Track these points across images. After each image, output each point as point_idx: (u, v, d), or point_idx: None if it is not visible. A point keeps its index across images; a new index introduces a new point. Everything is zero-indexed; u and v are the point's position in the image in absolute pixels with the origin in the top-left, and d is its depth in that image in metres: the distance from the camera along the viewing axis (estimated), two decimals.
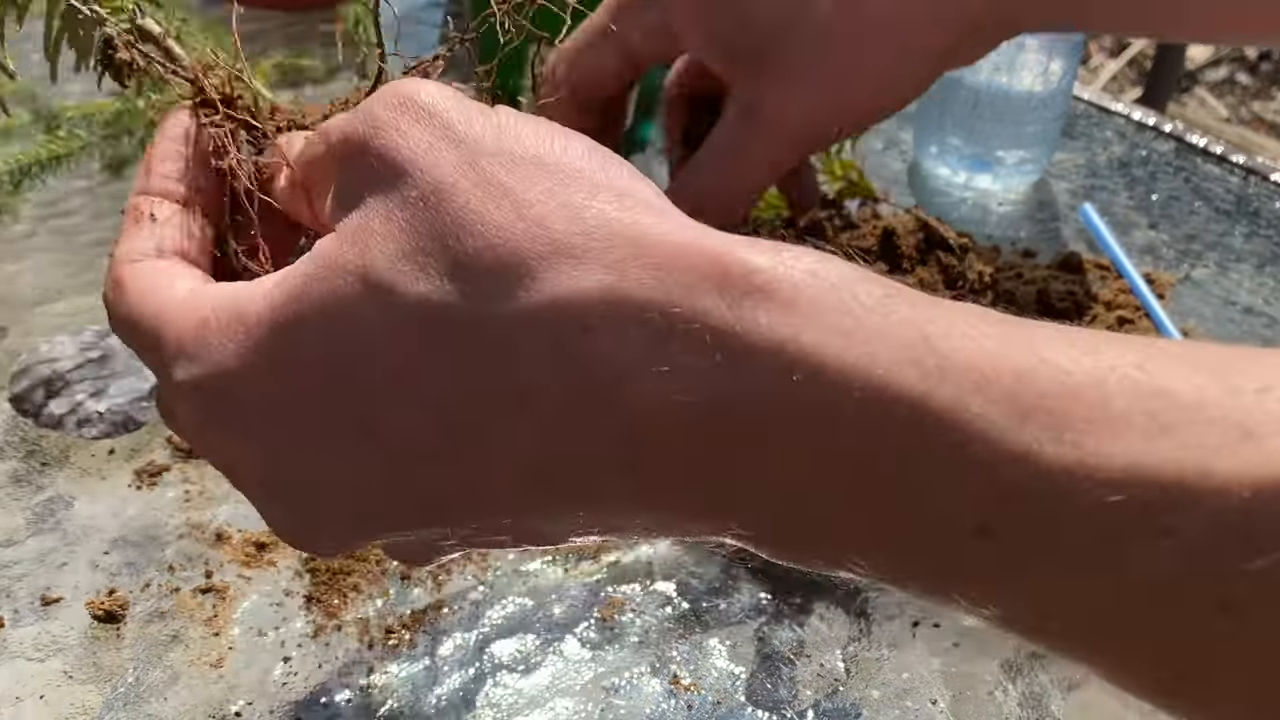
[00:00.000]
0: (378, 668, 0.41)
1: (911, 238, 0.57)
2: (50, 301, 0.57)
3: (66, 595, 0.43)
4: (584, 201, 0.25)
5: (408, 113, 0.27)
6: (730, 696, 0.41)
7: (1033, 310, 0.60)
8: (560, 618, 0.43)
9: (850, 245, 0.57)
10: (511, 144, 0.26)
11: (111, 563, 0.44)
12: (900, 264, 0.57)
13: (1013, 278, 0.62)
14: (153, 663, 0.41)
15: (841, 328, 0.23)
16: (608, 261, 0.24)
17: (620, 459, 0.25)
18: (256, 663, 0.41)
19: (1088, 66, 2.32)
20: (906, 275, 0.56)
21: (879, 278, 0.24)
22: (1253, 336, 0.60)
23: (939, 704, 0.41)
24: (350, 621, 0.42)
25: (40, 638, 0.41)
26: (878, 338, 0.23)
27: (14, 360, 0.52)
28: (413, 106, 0.27)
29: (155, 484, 0.47)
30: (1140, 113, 0.78)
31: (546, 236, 0.24)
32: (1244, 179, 0.72)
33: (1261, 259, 0.66)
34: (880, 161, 0.73)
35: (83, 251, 0.61)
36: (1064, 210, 0.70)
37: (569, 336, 0.24)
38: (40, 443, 0.49)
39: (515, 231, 0.24)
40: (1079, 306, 0.61)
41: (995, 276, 0.60)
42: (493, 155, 0.26)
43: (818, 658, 0.42)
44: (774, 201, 0.58)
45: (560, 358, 0.24)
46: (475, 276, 0.24)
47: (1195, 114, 2.24)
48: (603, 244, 0.24)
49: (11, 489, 0.47)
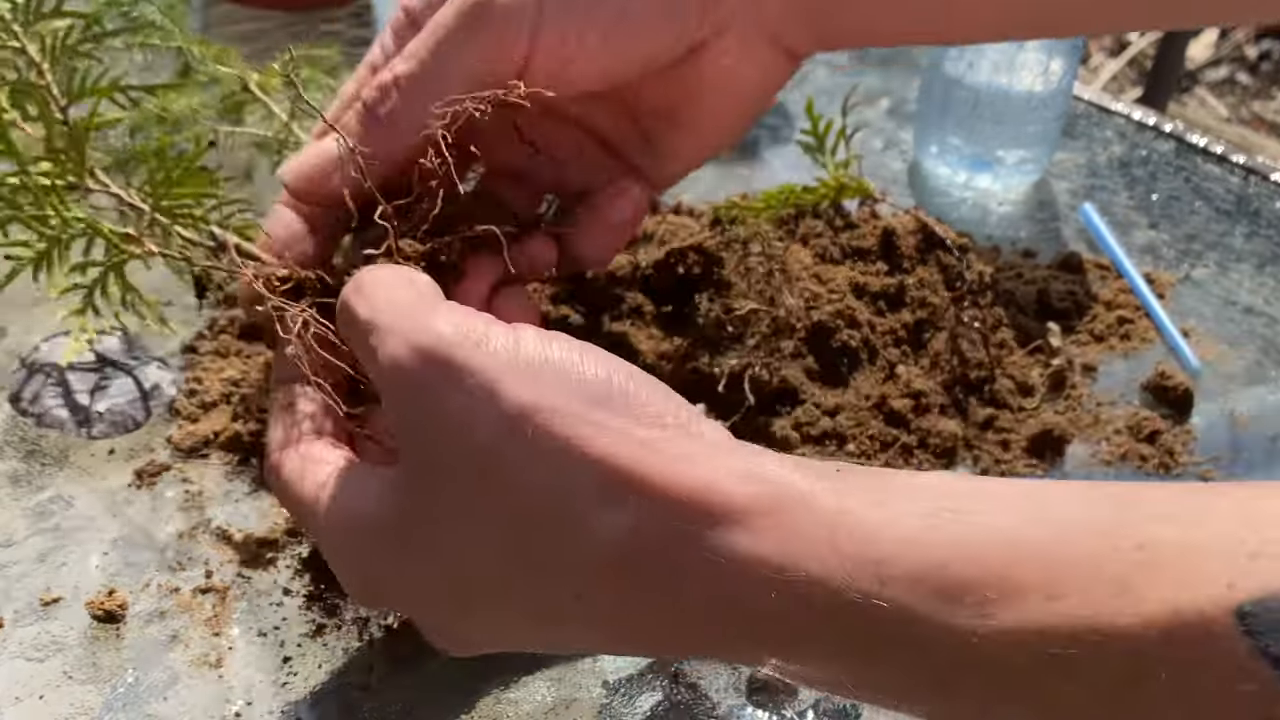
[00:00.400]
0: (378, 667, 0.41)
1: (911, 238, 0.57)
2: (50, 301, 0.57)
3: (66, 595, 0.43)
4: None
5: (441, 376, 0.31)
6: (730, 696, 0.41)
7: (1033, 310, 0.60)
8: None
9: (849, 245, 0.57)
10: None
11: (111, 562, 0.44)
12: (900, 264, 0.56)
13: (1013, 278, 0.62)
14: (152, 663, 0.41)
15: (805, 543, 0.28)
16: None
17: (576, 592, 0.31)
18: (256, 663, 0.41)
19: (1088, 66, 2.32)
20: (906, 275, 0.56)
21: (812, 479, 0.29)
22: (1253, 336, 0.60)
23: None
24: (350, 621, 0.42)
25: (40, 638, 0.41)
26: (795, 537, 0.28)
27: (14, 360, 0.52)
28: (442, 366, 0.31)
29: (155, 484, 0.47)
30: (1140, 112, 0.78)
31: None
32: (1244, 179, 0.72)
33: (1261, 259, 0.66)
34: (880, 161, 0.73)
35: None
36: (1064, 210, 0.70)
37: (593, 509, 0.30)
38: (40, 443, 0.49)
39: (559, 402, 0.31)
40: (1079, 306, 0.61)
41: (995, 276, 0.60)
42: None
43: None
44: (771, 200, 0.58)
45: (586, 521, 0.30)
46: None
47: (1195, 114, 2.24)
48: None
49: (11, 489, 0.47)
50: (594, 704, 0.40)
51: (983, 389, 0.55)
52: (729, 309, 0.52)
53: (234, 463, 0.48)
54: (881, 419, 0.52)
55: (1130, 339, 0.60)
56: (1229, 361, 0.59)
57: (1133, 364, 0.59)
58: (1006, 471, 0.52)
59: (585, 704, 0.40)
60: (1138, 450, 0.53)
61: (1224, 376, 0.58)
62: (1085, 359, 0.58)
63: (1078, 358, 0.58)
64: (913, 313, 0.56)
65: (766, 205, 0.58)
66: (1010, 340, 0.57)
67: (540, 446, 0.29)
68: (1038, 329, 0.59)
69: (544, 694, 0.41)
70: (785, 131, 0.80)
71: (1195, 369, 0.58)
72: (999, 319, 0.58)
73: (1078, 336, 0.60)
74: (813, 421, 0.52)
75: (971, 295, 0.55)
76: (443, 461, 0.31)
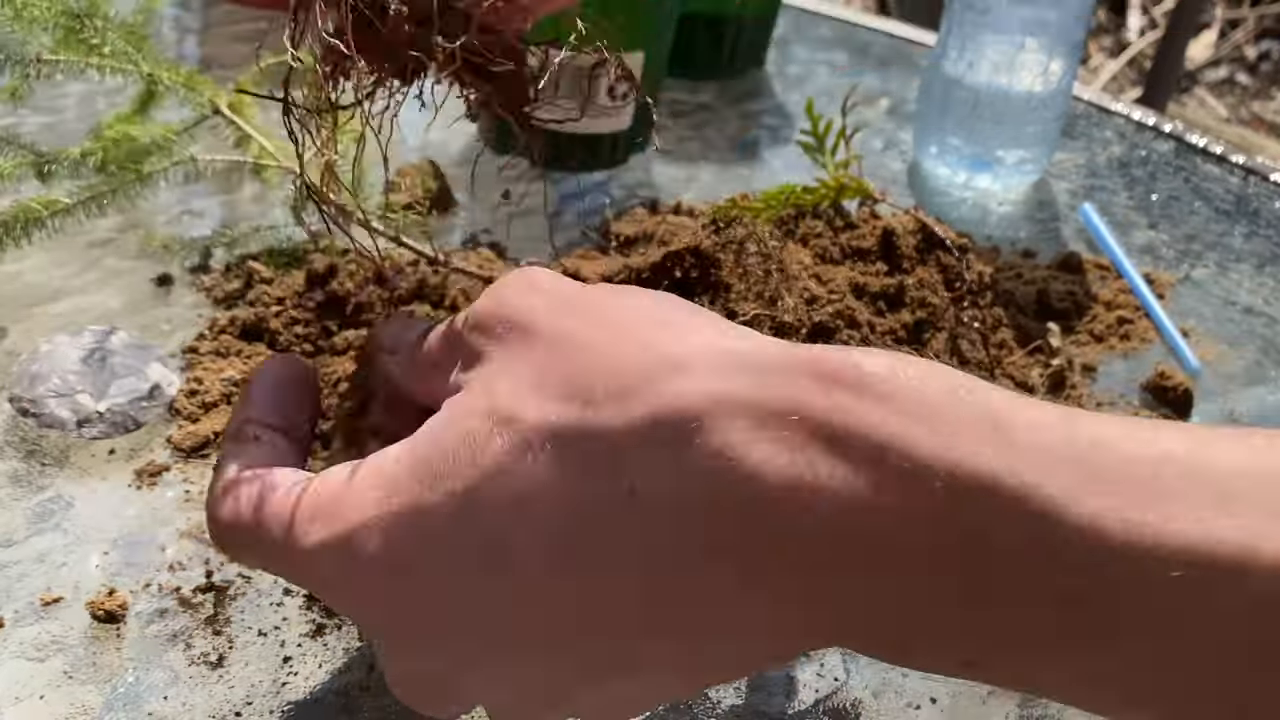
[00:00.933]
0: (378, 667, 0.41)
1: (911, 238, 0.57)
2: (50, 301, 0.57)
3: (66, 595, 0.43)
4: (686, 321, 0.29)
5: (527, 288, 0.31)
6: (730, 696, 0.41)
7: (1032, 310, 0.60)
8: None
9: (849, 245, 0.57)
10: (616, 299, 0.30)
11: (111, 562, 0.44)
12: (900, 264, 0.57)
13: (1013, 278, 0.62)
14: (153, 663, 0.41)
15: (922, 417, 0.25)
16: (712, 371, 0.27)
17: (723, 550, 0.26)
18: (256, 663, 0.41)
19: (1088, 66, 2.32)
20: (906, 275, 0.56)
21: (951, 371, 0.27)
22: (1252, 336, 0.60)
23: (938, 703, 0.41)
24: (350, 620, 0.42)
25: (40, 638, 0.41)
26: (955, 427, 0.25)
27: (14, 360, 0.52)
28: (532, 284, 0.31)
29: (155, 484, 0.47)
30: (1140, 113, 0.78)
31: (654, 354, 0.27)
32: (1244, 179, 0.72)
33: (1261, 259, 0.66)
34: (880, 161, 0.73)
35: (83, 252, 0.61)
36: (1064, 210, 0.70)
37: (678, 440, 0.26)
38: (40, 443, 0.49)
39: (624, 351, 0.28)
40: (1079, 306, 0.61)
41: (995, 277, 0.60)
42: (600, 307, 0.30)
43: (817, 657, 0.42)
44: (771, 200, 0.58)
45: (669, 461, 0.26)
46: (588, 394, 0.27)
47: (1195, 114, 2.24)
48: (707, 357, 0.27)
49: (11, 489, 0.47)
50: None
51: None
52: (731, 312, 0.52)
53: None
54: None
55: (1130, 339, 0.60)
56: (1229, 362, 0.59)
57: (1132, 364, 0.59)
58: None
59: None
60: None
61: (1224, 377, 0.58)
62: (1085, 359, 0.58)
63: (1077, 358, 0.58)
64: (912, 313, 0.57)
65: (766, 205, 0.58)
66: (1010, 340, 0.57)
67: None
68: (1037, 329, 0.59)
69: None
70: (785, 131, 0.80)
71: (1195, 369, 0.58)
72: (999, 319, 0.58)
73: (1077, 337, 0.60)
74: None
75: (971, 295, 0.55)
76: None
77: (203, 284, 0.60)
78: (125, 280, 0.59)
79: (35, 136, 0.54)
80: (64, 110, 0.75)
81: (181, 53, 0.86)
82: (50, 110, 0.74)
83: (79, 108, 0.75)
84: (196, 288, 0.59)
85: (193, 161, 0.54)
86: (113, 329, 0.53)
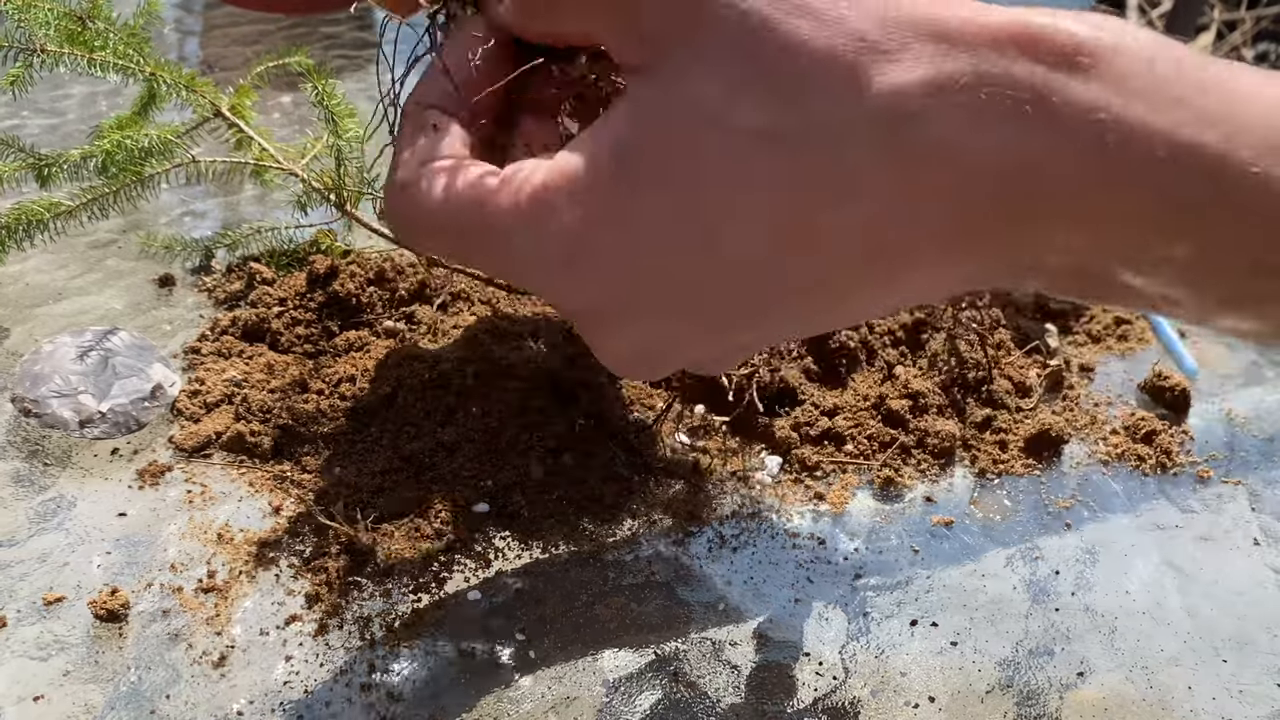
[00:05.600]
0: (379, 666, 0.41)
1: None
2: (52, 302, 0.57)
3: (69, 595, 0.43)
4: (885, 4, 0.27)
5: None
6: (730, 695, 0.41)
7: (1031, 310, 0.60)
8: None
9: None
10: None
11: (113, 562, 0.44)
12: None
13: None
14: (155, 662, 0.41)
15: (1145, 93, 0.25)
16: (921, 53, 0.26)
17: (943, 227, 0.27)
18: (258, 662, 0.41)
19: None
20: None
21: (1173, 44, 0.27)
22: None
23: (937, 701, 0.41)
24: (351, 620, 0.43)
25: (42, 637, 0.41)
26: (1179, 105, 0.25)
27: (16, 360, 0.52)
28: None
29: (157, 484, 0.48)
30: None
31: (861, 41, 0.26)
32: None
33: None
34: None
35: (85, 253, 0.61)
36: None
37: (894, 126, 0.26)
38: (43, 443, 0.49)
39: (833, 41, 0.27)
40: (1076, 307, 0.61)
41: None
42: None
43: (817, 656, 0.43)
44: None
45: (887, 146, 0.26)
46: (800, 87, 0.27)
47: None
48: (914, 38, 0.26)
49: (14, 489, 0.47)
50: (594, 703, 0.41)
51: (980, 389, 0.55)
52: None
53: (236, 463, 0.48)
54: (880, 419, 0.53)
55: (1127, 340, 0.60)
56: (1226, 362, 0.59)
57: (1130, 364, 0.59)
58: (1004, 472, 0.52)
59: (585, 703, 0.41)
60: (1135, 450, 0.53)
61: (1221, 377, 0.59)
62: (1083, 360, 0.59)
63: (1075, 358, 0.59)
64: (911, 314, 0.57)
65: None
66: (1008, 341, 0.58)
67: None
68: (1035, 330, 0.59)
69: (544, 693, 0.41)
70: None
71: (1192, 370, 0.58)
72: (996, 320, 0.58)
73: (1075, 337, 0.60)
74: (812, 422, 0.52)
75: (969, 296, 0.56)
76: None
77: (204, 285, 0.60)
78: (127, 281, 0.59)
79: (37, 138, 0.55)
80: (66, 112, 0.75)
81: (183, 55, 0.86)
82: (52, 112, 0.75)
83: (80, 110, 0.76)
84: (198, 288, 0.60)
85: (194, 163, 0.54)
86: (115, 330, 0.54)
